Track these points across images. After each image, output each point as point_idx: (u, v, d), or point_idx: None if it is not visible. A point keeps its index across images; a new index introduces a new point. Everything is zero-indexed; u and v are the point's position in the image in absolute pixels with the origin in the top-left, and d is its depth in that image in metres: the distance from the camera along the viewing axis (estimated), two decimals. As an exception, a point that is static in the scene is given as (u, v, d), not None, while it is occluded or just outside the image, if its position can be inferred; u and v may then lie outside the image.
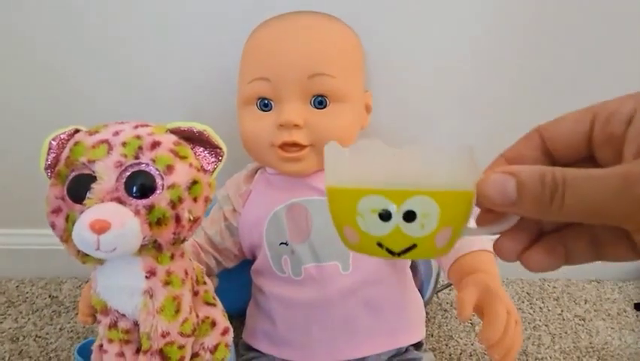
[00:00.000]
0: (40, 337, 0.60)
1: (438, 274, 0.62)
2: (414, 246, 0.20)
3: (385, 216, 0.20)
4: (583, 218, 0.16)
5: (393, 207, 0.19)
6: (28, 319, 0.63)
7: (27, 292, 0.67)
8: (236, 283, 0.52)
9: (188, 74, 0.57)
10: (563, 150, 0.19)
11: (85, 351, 0.44)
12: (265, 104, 0.43)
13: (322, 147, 0.43)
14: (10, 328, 0.61)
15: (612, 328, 0.65)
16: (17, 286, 0.69)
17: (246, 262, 0.51)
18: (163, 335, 0.33)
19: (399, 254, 0.20)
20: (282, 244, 0.44)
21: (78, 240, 0.29)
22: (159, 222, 0.32)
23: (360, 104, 0.46)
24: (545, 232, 0.20)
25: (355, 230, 0.21)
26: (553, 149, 0.19)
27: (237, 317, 0.55)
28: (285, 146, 0.42)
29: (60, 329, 0.61)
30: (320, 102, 0.42)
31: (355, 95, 0.45)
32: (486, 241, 0.41)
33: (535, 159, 0.19)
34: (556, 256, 0.19)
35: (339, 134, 0.43)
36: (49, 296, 0.67)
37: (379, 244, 0.20)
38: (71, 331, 0.61)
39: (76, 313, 0.63)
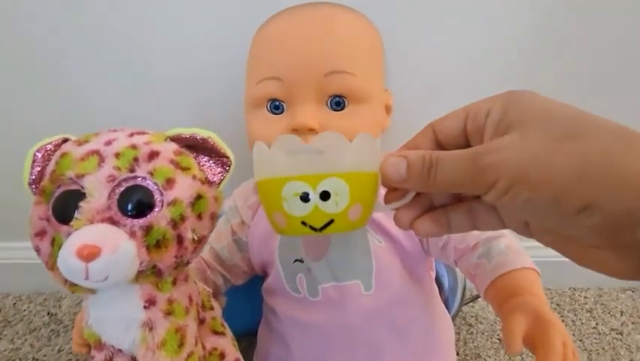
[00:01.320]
0: (37, 359, 0.56)
1: (464, 288, 0.57)
2: (331, 221, 0.24)
3: (305, 198, 0.24)
4: (451, 188, 0.22)
5: (310, 189, 0.24)
6: (25, 340, 0.59)
7: (24, 310, 0.64)
8: (246, 300, 0.48)
9: (191, 74, 0.53)
10: (448, 140, 0.23)
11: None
12: (276, 107, 0.39)
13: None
14: (5, 350, 0.57)
15: (653, 343, 0.60)
16: (14, 304, 0.65)
17: (257, 277, 0.47)
18: (165, 374, 0.29)
19: (320, 229, 0.24)
20: (296, 261, 0.40)
21: (64, 268, 0.25)
22: (158, 245, 0.27)
23: (381, 104, 0.42)
24: (435, 206, 0.25)
25: (282, 214, 0.25)
26: (442, 139, 0.24)
27: (247, 337, 0.51)
28: (300, 152, 0.37)
29: (59, 351, 0.57)
30: (337, 103, 0.38)
31: (376, 94, 0.40)
32: (526, 258, 0.36)
33: (428, 149, 0.24)
34: (441, 224, 0.24)
35: (359, 138, 0.38)
36: (48, 314, 0.63)
37: (303, 223, 0.24)
38: (70, 353, 0.57)
39: (76, 333, 0.60)
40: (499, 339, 0.60)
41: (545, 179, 0.18)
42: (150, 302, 0.29)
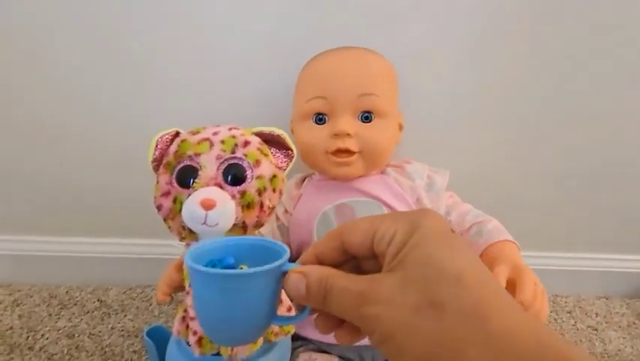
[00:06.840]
0: (93, 334, 0.64)
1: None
2: None
3: None
4: (343, 316, 0.22)
5: None
6: (81, 319, 0.67)
7: (77, 297, 0.72)
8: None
9: (238, 96, 0.63)
10: (356, 251, 0.24)
11: (153, 334, 0.49)
12: (320, 119, 0.51)
13: (368, 154, 0.51)
14: (65, 326, 0.65)
15: (624, 338, 0.69)
16: (67, 292, 0.73)
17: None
18: (244, 304, 0.39)
19: None
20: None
21: (188, 214, 0.36)
22: (249, 206, 0.39)
23: (396, 121, 0.55)
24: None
25: None
26: (349, 248, 0.24)
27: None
28: (338, 152, 0.50)
29: (111, 328, 0.65)
30: (366, 117, 0.51)
31: (393, 113, 0.53)
32: (507, 234, 0.48)
33: (335, 257, 0.25)
34: (356, 334, 0.24)
35: (381, 143, 0.51)
36: (98, 300, 0.71)
37: None
38: (122, 330, 0.65)
39: (125, 315, 0.68)
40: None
41: (411, 343, 0.19)
42: (236, 250, 0.40)
